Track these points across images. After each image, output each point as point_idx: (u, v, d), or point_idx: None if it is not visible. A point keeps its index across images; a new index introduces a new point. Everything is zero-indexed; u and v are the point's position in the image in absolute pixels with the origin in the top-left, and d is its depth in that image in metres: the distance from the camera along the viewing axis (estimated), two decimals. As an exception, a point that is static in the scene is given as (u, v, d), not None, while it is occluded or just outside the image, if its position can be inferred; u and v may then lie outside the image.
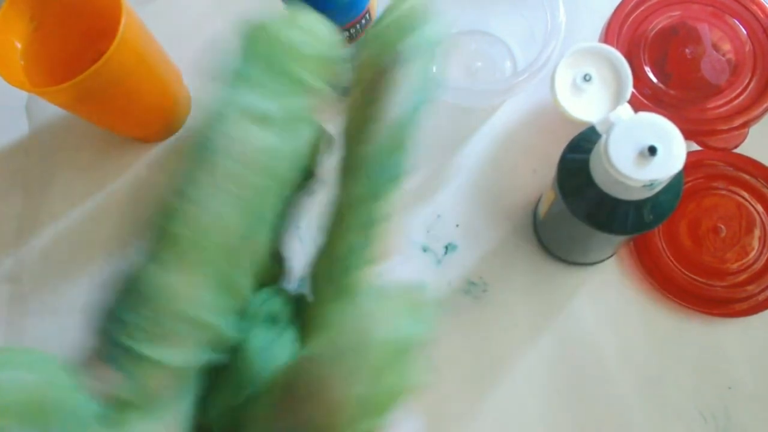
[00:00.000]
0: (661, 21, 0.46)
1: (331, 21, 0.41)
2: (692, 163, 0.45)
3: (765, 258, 0.44)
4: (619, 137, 0.31)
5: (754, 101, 0.44)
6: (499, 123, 0.50)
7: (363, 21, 0.42)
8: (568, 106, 0.42)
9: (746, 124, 0.43)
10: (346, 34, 0.42)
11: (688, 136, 0.35)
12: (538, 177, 0.48)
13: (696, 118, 0.44)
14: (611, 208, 0.34)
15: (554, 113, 0.43)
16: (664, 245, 0.45)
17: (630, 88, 0.41)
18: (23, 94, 0.52)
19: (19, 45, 0.45)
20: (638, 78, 0.44)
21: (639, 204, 0.33)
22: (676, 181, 0.33)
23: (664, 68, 0.46)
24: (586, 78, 0.42)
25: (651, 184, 0.31)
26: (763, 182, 0.45)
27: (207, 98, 0.23)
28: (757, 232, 0.44)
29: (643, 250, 0.45)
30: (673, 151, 0.30)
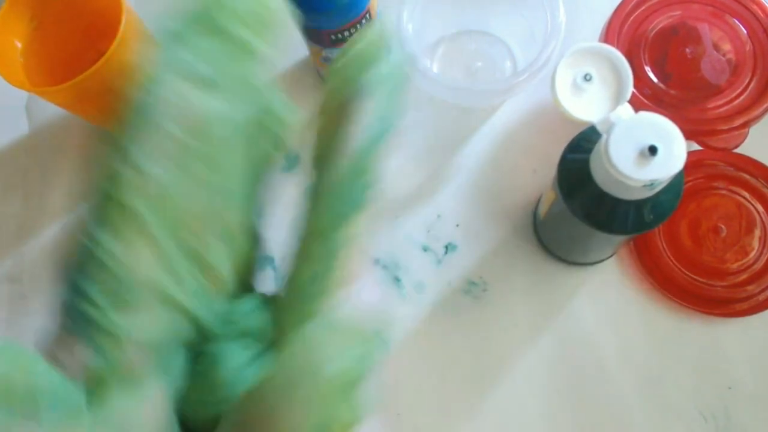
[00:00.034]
0: (662, 21, 0.46)
1: (332, 21, 0.41)
2: (692, 163, 0.45)
3: (765, 258, 0.44)
4: (620, 137, 0.31)
5: (755, 101, 0.44)
6: (499, 123, 0.50)
7: (363, 21, 0.42)
8: (569, 106, 0.42)
9: (746, 124, 0.43)
10: (346, 33, 0.42)
11: (688, 136, 0.35)
12: (538, 177, 0.48)
13: (696, 118, 0.44)
14: (611, 207, 0.34)
15: (554, 113, 0.43)
16: (664, 245, 0.45)
17: (630, 88, 0.41)
18: (23, 94, 0.52)
19: (19, 45, 0.45)
20: (638, 78, 0.44)
21: (639, 204, 0.33)
22: (677, 181, 0.33)
23: (665, 68, 0.45)
24: (587, 78, 0.42)
25: (651, 184, 0.31)
26: (763, 182, 0.45)
27: (146, 62, 0.23)
28: (757, 232, 0.44)
29: (644, 250, 0.45)
30: (674, 151, 0.30)
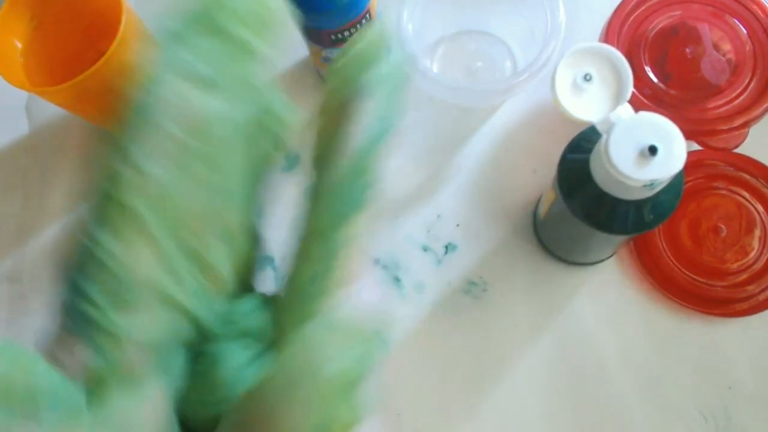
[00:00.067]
0: (662, 21, 0.46)
1: (332, 21, 0.41)
2: (692, 163, 0.45)
3: (765, 258, 0.44)
4: (620, 137, 0.31)
5: (755, 101, 0.44)
6: (499, 123, 0.50)
7: (363, 21, 0.42)
8: (569, 106, 0.42)
9: (746, 124, 0.43)
10: (346, 33, 0.42)
11: (688, 136, 0.35)
12: (538, 177, 0.48)
13: (696, 118, 0.44)
14: (611, 207, 0.34)
15: (554, 113, 0.43)
16: (664, 245, 0.45)
17: (630, 88, 0.41)
18: (23, 94, 0.52)
19: (19, 45, 0.45)
20: (638, 78, 0.44)
21: (639, 204, 0.33)
22: (677, 181, 0.33)
23: (665, 68, 0.45)
24: (587, 78, 0.42)
25: (651, 184, 0.31)
26: (763, 182, 0.45)
27: (146, 62, 0.22)
28: (757, 232, 0.44)
29: (644, 250, 0.45)
30: (674, 150, 0.30)
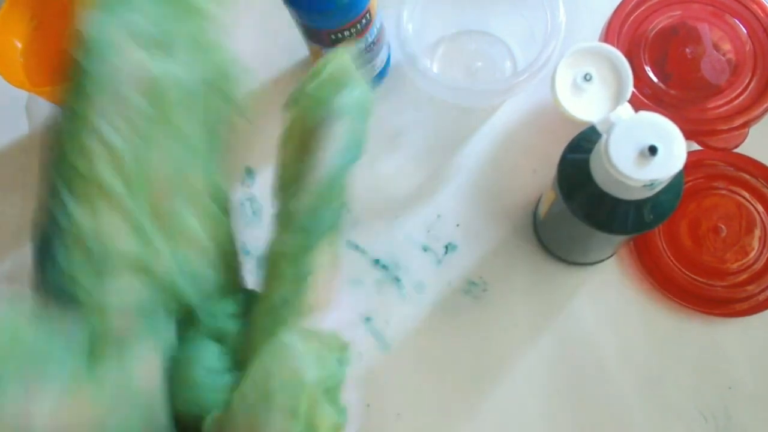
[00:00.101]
0: (662, 21, 0.46)
1: (332, 21, 0.41)
2: (692, 163, 0.45)
3: (765, 258, 0.44)
4: (620, 137, 0.31)
5: (755, 101, 0.44)
6: (499, 123, 0.50)
7: (363, 21, 0.42)
8: (569, 106, 0.42)
9: (746, 124, 0.43)
10: (346, 33, 0.42)
11: (688, 136, 0.35)
12: (538, 177, 0.48)
13: (696, 118, 0.44)
14: (611, 207, 0.34)
15: (554, 113, 0.42)
16: (664, 245, 0.45)
17: (630, 88, 0.41)
18: (23, 94, 0.51)
19: (19, 44, 0.45)
20: (638, 78, 0.44)
21: (639, 204, 0.33)
22: (677, 181, 0.33)
23: (665, 68, 0.45)
24: (587, 78, 0.42)
25: (651, 184, 0.31)
26: (763, 182, 0.45)
27: (87, 27, 0.22)
28: (757, 232, 0.44)
29: (644, 250, 0.45)
30: (674, 150, 0.30)
